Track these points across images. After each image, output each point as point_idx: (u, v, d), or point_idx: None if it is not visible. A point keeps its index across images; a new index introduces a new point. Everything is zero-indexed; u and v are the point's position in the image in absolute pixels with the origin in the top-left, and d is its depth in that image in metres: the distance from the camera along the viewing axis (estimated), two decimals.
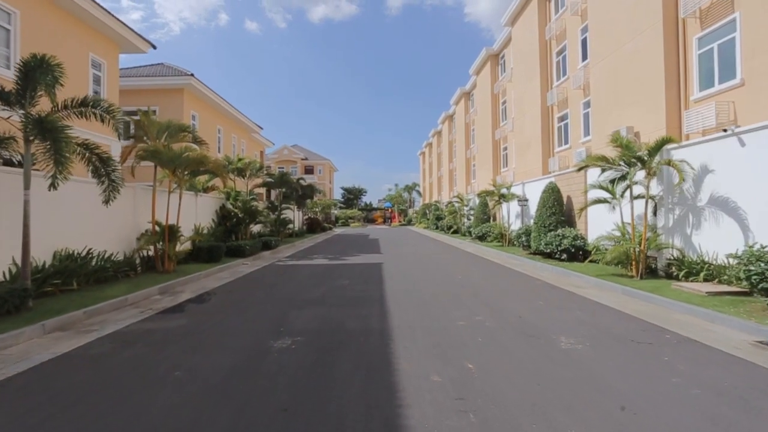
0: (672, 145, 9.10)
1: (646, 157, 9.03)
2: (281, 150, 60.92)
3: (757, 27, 9.61)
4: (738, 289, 6.99)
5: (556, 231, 12.87)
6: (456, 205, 29.58)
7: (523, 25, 23.12)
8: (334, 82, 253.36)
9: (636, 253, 9.01)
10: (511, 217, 19.36)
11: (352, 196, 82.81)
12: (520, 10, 23.13)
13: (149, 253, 10.89)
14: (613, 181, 10.13)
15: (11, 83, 6.62)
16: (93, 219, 9.15)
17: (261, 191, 28.18)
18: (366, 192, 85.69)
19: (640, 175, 9.49)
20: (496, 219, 22.02)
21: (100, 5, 12.12)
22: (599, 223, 11.85)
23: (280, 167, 55.12)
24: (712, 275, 7.80)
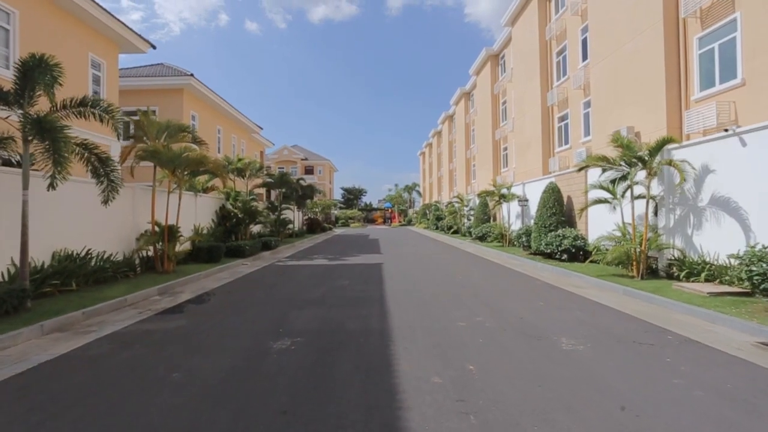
0: (673, 145, 9.07)
1: (646, 157, 9.00)
2: (281, 150, 60.89)
3: (758, 27, 9.59)
4: (739, 289, 6.96)
5: (556, 231, 12.84)
6: (456, 205, 29.56)
7: (523, 26, 23.10)
8: (334, 83, 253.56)
9: (637, 253, 8.98)
10: (512, 217, 19.33)
11: (352, 197, 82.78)
12: (520, 10, 23.11)
13: (148, 253, 10.87)
14: (613, 181, 10.10)
15: (10, 83, 6.59)
16: (92, 219, 9.12)
17: (261, 191, 28.15)
18: (366, 192, 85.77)
19: (640, 175, 9.47)
20: (496, 219, 22.00)
21: (99, 5, 12.09)
22: (600, 224, 11.82)
23: (280, 167, 55.10)
24: (714, 276, 7.77)
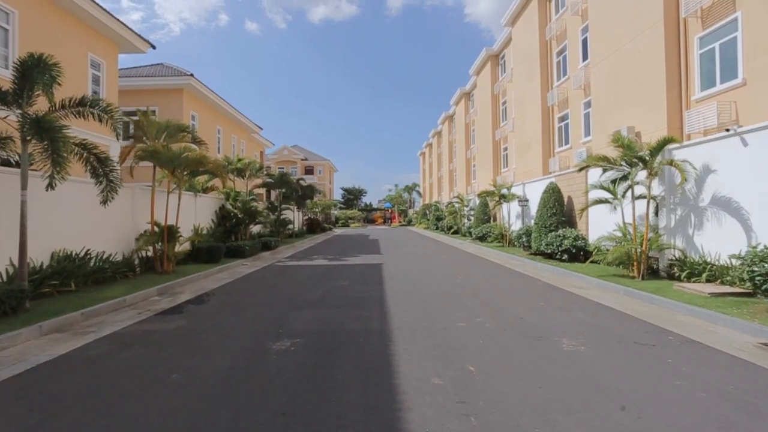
0: (674, 145, 9.05)
1: (647, 157, 8.98)
2: (281, 150, 60.88)
3: (759, 26, 9.56)
4: (741, 290, 6.93)
5: (556, 231, 12.82)
6: (456, 205, 29.54)
7: (523, 26, 23.08)
8: (334, 83, 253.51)
9: (637, 253, 8.95)
10: (512, 217, 19.31)
11: (352, 197, 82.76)
12: (520, 10, 23.09)
13: (148, 253, 10.84)
14: (614, 181, 10.08)
15: (9, 83, 6.56)
16: (91, 219, 9.10)
17: (261, 192, 28.13)
18: (366, 192, 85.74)
19: (641, 175, 9.45)
20: (496, 219, 21.98)
21: (99, 5, 12.08)
22: (600, 224, 11.80)
23: (280, 168, 55.07)
24: (715, 276, 7.75)
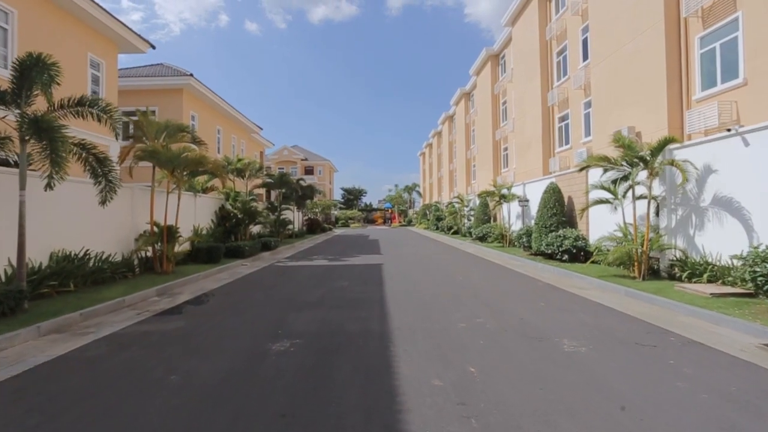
0: (675, 145, 9.01)
1: (648, 157, 8.95)
2: (281, 150, 60.87)
3: (760, 26, 9.54)
4: (743, 290, 6.90)
5: (557, 232, 12.79)
6: (456, 205, 29.50)
7: (523, 26, 23.06)
8: (334, 83, 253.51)
9: (638, 254, 8.93)
10: (512, 217, 19.28)
11: (352, 197, 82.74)
12: (520, 10, 23.07)
13: (147, 254, 10.82)
14: (614, 181, 10.04)
15: (7, 82, 6.54)
16: (91, 220, 9.07)
17: (261, 192, 28.11)
18: (366, 193, 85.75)
19: (642, 175, 9.42)
20: (496, 220, 21.95)
21: (98, 5, 12.05)
22: (601, 224, 11.77)
23: (279, 168, 55.07)
24: (716, 276, 7.72)
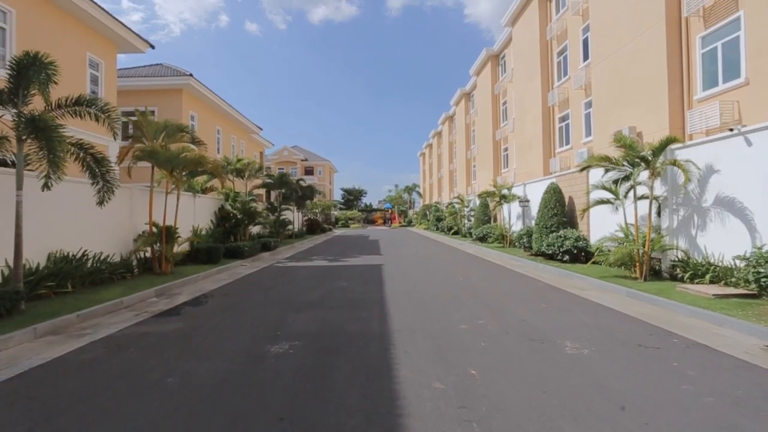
0: (676, 144, 8.95)
1: (650, 157, 8.89)
2: (281, 151, 60.85)
3: (762, 25, 9.49)
4: (746, 291, 6.84)
5: (557, 232, 12.73)
6: (456, 206, 29.43)
7: (523, 26, 23.02)
8: (334, 83, 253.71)
9: (640, 254, 8.87)
10: (512, 218, 19.22)
11: (352, 197, 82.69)
12: (520, 10, 23.03)
13: (146, 254, 10.75)
14: (616, 181, 9.99)
15: (4, 82, 6.49)
16: (89, 220, 9.01)
17: (260, 192, 28.06)
18: (366, 193, 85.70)
19: (643, 175, 9.36)
20: (496, 220, 21.89)
21: (97, 5, 12.01)
22: (602, 225, 11.72)
23: (279, 168, 55.04)
24: (718, 277, 7.65)
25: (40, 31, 10.68)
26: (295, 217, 28.58)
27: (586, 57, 17.13)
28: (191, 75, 18.90)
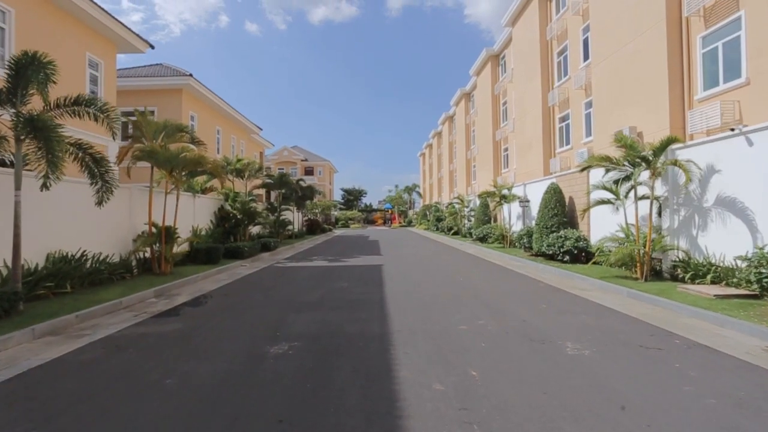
0: (677, 144, 8.93)
1: (651, 157, 8.87)
2: (281, 151, 60.84)
3: (763, 25, 9.48)
4: (747, 292, 6.82)
5: (558, 232, 12.71)
6: (456, 206, 29.41)
7: (523, 26, 23.01)
8: (334, 83, 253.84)
9: (640, 255, 8.84)
10: (513, 218, 19.20)
11: (352, 198, 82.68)
12: (520, 10, 23.03)
13: (146, 254, 10.73)
14: (616, 181, 9.96)
15: (2, 81, 6.47)
16: (88, 220, 8.99)
17: (260, 192, 28.04)
18: (366, 193, 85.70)
19: (644, 175, 9.33)
20: (497, 220, 21.87)
21: (97, 5, 12.00)
22: (602, 225, 11.70)
23: (279, 168, 55.03)
24: (720, 278, 7.63)
25: (40, 31, 10.66)
26: (295, 217, 28.56)
27: (586, 57, 17.12)
28: (191, 75, 18.89)
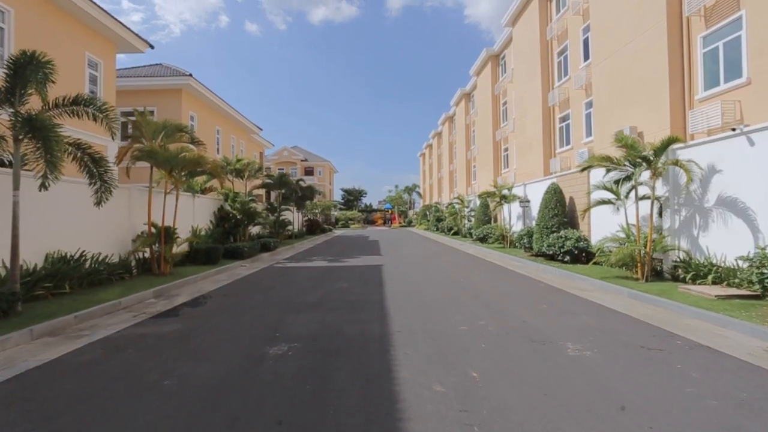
0: (678, 144, 8.91)
1: (651, 157, 8.84)
2: (281, 151, 60.81)
3: (764, 25, 9.46)
4: (748, 292, 6.79)
5: (558, 233, 12.68)
6: (456, 206, 29.38)
7: (523, 26, 22.99)
8: (334, 84, 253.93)
9: (641, 255, 8.82)
10: (513, 218, 19.18)
11: (352, 198, 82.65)
12: (520, 10, 23.01)
13: (145, 255, 10.70)
14: (617, 181, 9.94)
15: (1, 81, 6.45)
16: (87, 220, 8.97)
17: (260, 192, 28.02)
18: (366, 193, 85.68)
19: (645, 175, 9.31)
20: (497, 220, 21.85)
21: (96, 4, 11.98)
22: (603, 225, 11.67)
23: (279, 168, 55.02)
24: (721, 278, 7.60)
25: (39, 31, 10.64)
26: (294, 217, 28.54)
27: (586, 57, 17.09)
28: (191, 75, 18.87)
